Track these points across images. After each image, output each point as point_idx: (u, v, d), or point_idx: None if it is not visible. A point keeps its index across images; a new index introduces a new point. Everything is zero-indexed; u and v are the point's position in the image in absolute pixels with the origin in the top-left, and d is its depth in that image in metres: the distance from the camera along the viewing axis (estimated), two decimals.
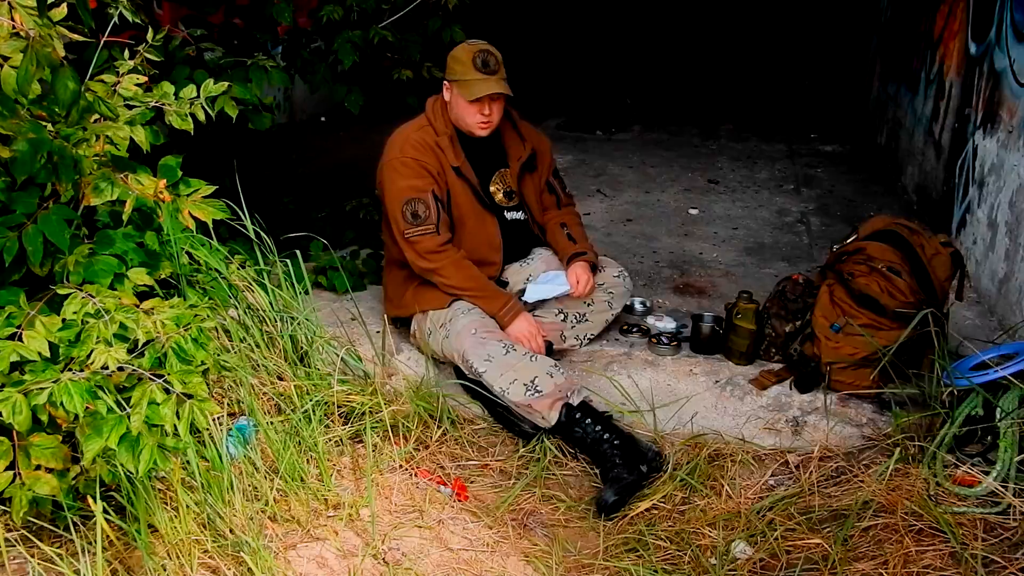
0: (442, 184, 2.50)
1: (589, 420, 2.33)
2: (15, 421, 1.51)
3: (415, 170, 2.46)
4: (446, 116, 2.53)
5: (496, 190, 2.62)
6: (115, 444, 1.54)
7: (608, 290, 2.66)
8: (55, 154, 1.64)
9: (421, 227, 2.44)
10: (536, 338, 2.47)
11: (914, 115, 4.60)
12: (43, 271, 1.74)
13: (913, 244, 2.39)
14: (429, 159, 2.47)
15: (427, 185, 2.45)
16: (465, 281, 2.48)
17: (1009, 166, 2.92)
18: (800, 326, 2.55)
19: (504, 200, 2.64)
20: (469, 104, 2.43)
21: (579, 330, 2.65)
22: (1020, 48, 2.96)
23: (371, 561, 1.91)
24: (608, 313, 2.68)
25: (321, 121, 6.25)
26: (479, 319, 2.45)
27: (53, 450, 1.66)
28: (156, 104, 1.88)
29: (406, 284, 2.60)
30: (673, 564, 2.02)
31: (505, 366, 2.34)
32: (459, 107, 2.47)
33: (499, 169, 2.63)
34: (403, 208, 2.44)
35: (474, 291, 2.49)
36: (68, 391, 1.51)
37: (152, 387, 1.55)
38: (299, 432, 2.18)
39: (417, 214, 2.44)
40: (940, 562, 1.90)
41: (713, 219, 4.16)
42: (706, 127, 6.21)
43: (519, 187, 2.67)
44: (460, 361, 2.42)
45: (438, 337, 2.50)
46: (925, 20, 4.59)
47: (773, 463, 2.35)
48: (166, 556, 1.74)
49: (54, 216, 1.72)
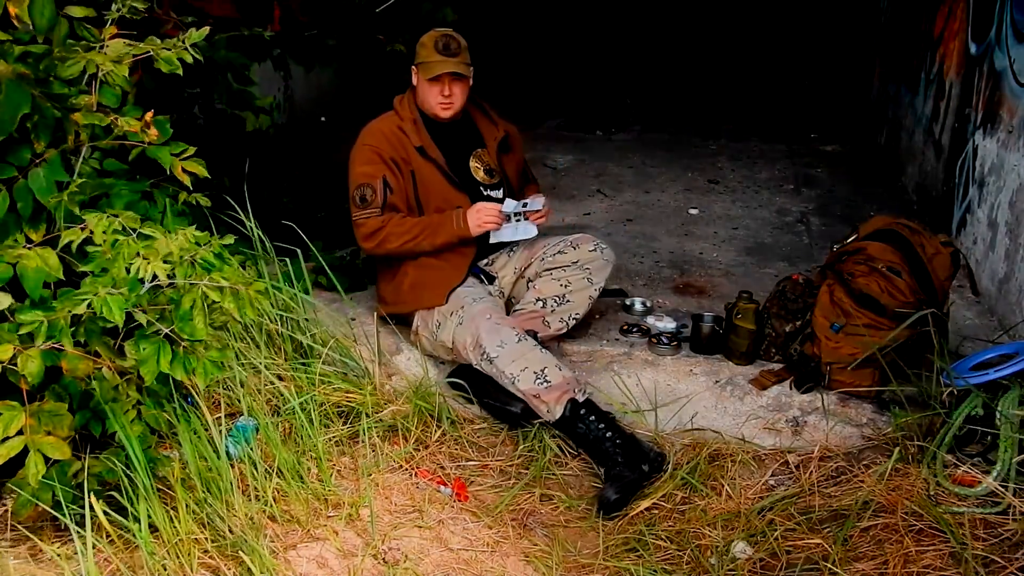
0: (404, 168, 2.56)
1: (593, 417, 2.32)
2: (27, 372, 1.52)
3: (368, 156, 2.56)
4: (411, 102, 2.62)
5: (477, 167, 2.68)
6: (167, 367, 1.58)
7: (584, 266, 2.62)
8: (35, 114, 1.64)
9: (366, 210, 2.53)
10: (487, 209, 2.53)
11: (914, 115, 4.60)
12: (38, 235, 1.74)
13: (913, 244, 2.39)
14: (383, 145, 2.56)
15: (377, 171, 2.54)
16: (411, 231, 2.53)
17: (1009, 166, 2.92)
18: (800, 326, 2.55)
19: (486, 177, 2.69)
20: (430, 85, 2.54)
21: (561, 312, 2.59)
22: (1020, 48, 2.96)
23: (371, 561, 1.91)
24: (590, 289, 2.62)
25: (321, 121, 6.24)
26: (492, 306, 2.49)
27: (62, 417, 1.68)
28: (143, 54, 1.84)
29: (400, 281, 2.62)
30: (673, 564, 2.02)
31: (517, 353, 2.35)
32: (422, 89, 2.57)
33: (476, 149, 2.70)
34: (354, 193, 2.55)
35: (424, 233, 2.53)
36: (107, 303, 1.50)
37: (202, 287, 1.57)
38: (299, 432, 2.18)
39: (364, 198, 2.53)
40: (940, 562, 1.90)
41: (713, 219, 4.16)
42: (706, 127, 6.21)
43: (500, 166, 2.72)
44: (472, 346, 2.42)
45: (450, 326, 2.50)
46: (925, 20, 4.59)
47: (773, 463, 2.35)
48: (166, 556, 1.74)
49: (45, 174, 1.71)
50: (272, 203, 3.50)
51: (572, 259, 2.64)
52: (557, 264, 2.64)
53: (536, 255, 2.69)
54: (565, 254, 2.64)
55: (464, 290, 2.56)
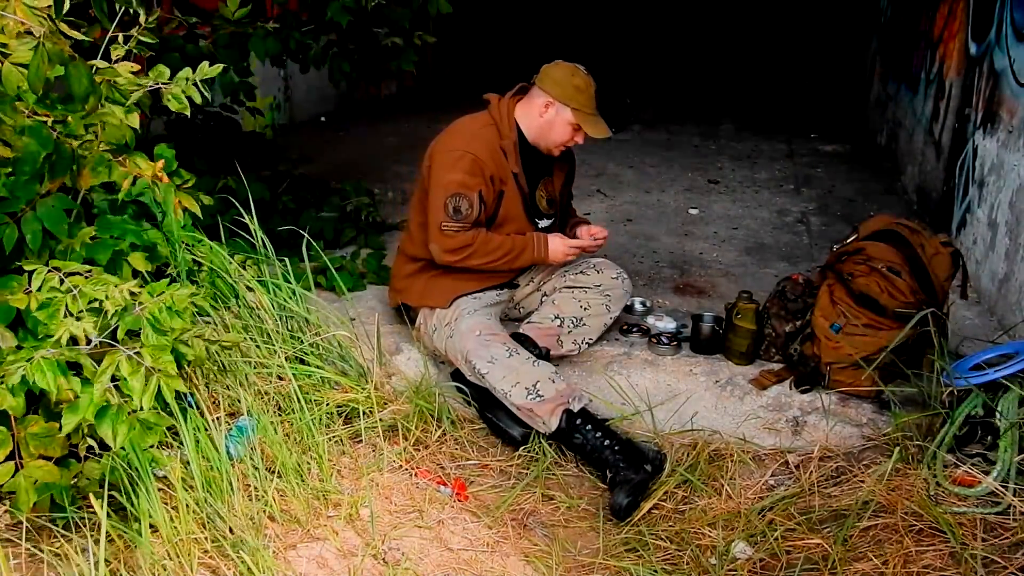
0: (496, 187, 2.51)
1: (590, 427, 2.32)
2: (8, 406, 1.50)
3: (472, 167, 2.44)
4: (511, 120, 2.53)
5: (541, 198, 2.65)
6: (92, 418, 1.51)
7: (605, 292, 2.65)
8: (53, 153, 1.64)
9: (458, 223, 2.45)
10: (571, 250, 2.57)
11: (914, 115, 4.60)
12: (41, 261, 1.74)
13: (913, 244, 2.39)
14: (488, 160, 2.47)
15: (477, 184, 2.45)
16: (495, 252, 2.50)
17: (1009, 166, 2.92)
18: (800, 326, 2.55)
19: (547, 208, 2.67)
20: (570, 128, 2.49)
21: (576, 335, 2.62)
22: (1020, 48, 2.96)
23: (371, 561, 1.91)
24: (606, 316, 2.66)
25: (321, 121, 6.24)
26: (484, 320, 2.46)
27: (51, 439, 1.65)
28: (152, 86, 1.84)
29: (417, 276, 2.61)
30: (673, 564, 2.02)
31: (508, 369, 2.34)
32: (559, 127, 2.50)
33: (544, 178, 2.66)
34: (447, 200, 2.44)
35: (508, 256, 2.52)
36: (41, 368, 1.48)
37: (120, 357, 1.51)
38: (299, 432, 2.18)
39: (459, 209, 2.44)
40: (940, 562, 1.90)
41: (713, 219, 4.16)
42: (706, 127, 6.21)
43: (559, 197, 2.71)
44: (463, 362, 2.42)
45: (442, 335, 2.51)
46: (925, 20, 4.59)
47: (773, 463, 2.35)
48: (166, 556, 1.74)
49: (53, 204, 1.71)
50: (272, 203, 3.50)
51: (595, 282, 2.65)
52: (579, 284, 2.65)
53: (556, 270, 2.70)
54: (588, 275, 2.66)
55: (465, 301, 2.53)
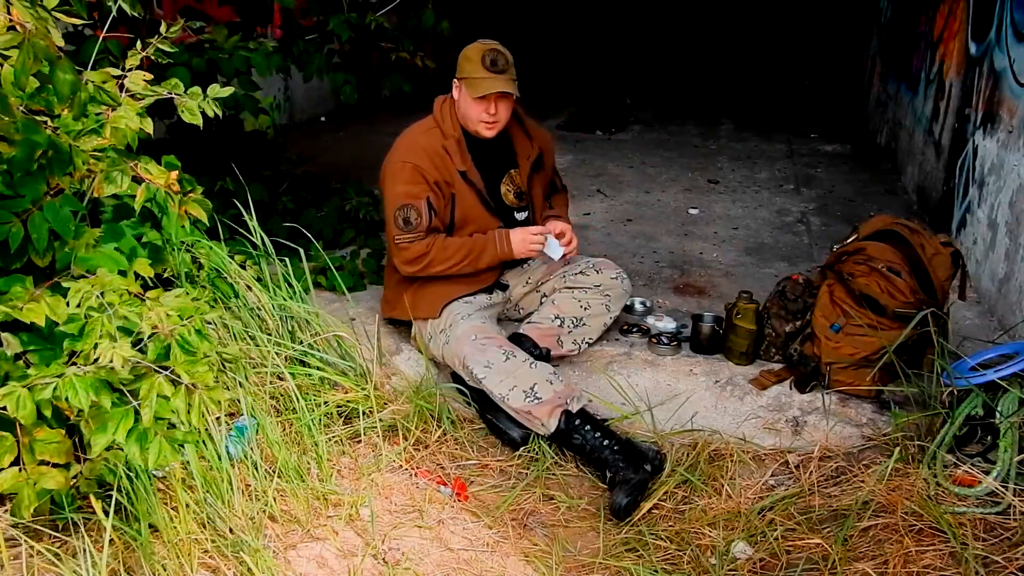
0: (445, 190, 2.49)
1: (588, 427, 2.31)
2: (20, 416, 1.50)
3: (412, 176, 2.45)
4: (454, 117, 2.51)
5: (507, 191, 2.62)
6: (123, 438, 1.52)
7: (605, 292, 2.64)
8: (49, 149, 1.64)
9: (411, 234, 2.45)
10: (534, 238, 2.51)
11: (914, 115, 4.61)
12: (44, 261, 1.73)
13: (913, 244, 2.39)
14: (428, 166, 2.46)
15: (422, 192, 2.45)
16: (455, 256, 2.49)
17: (1009, 166, 2.92)
18: (800, 326, 2.55)
19: (515, 201, 2.64)
20: (475, 102, 2.42)
21: (576, 335, 2.62)
22: (1020, 48, 2.96)
23: (371, 561, 1.91)
24: (606, 316, 2.65)
25: (321, 121, 6.24)
26: (479, 324, 2.45)
27: (57, 445, 1.65)
28: (167, 95, 1.85)
29: (402, 288, 2.59)
30: (673, 564, 2.02)
31: (505, 372, 2.33)
32: (465, 105, 2.46)
33: (509, 170, 2.63)
34: (395, 213, 2.45)
35: (468, 258, 2.50)
36: (73, 386, 1.48)
37: (160, 380, 1.53)
38: (299, 432, 2.18)
39: (408, 220, 2.44)
40: (940, 562, 1.90)
41: (713, 219, 4.16)
42: (706, 127, 6.22)
43: (528, 187, 2.67)
44: (460, 367, 2.42)
45: (438, 343, 2.50)
46: (925, 20, 4.59)
47: (773, 463, 2.35)
48: (166, 556, 1.74)
49: (61, 205, 1.70)
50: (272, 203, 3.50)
51: (594, 282, 2.64)
52: (579, 284, 2.65)
53: (555, 271, 2.69)
54: (587, 276, 2.65)
55: (457, 305, 2.52)
